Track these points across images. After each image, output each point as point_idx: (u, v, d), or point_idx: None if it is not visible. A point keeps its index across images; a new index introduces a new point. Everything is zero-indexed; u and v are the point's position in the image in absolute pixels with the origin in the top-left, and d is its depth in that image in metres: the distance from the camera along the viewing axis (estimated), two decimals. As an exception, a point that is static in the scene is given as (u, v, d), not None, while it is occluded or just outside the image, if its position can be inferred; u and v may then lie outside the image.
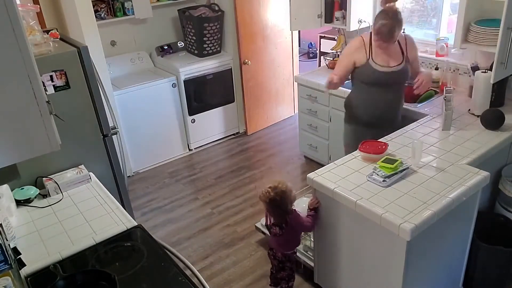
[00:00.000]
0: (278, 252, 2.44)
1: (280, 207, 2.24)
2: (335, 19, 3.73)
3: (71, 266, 1.71)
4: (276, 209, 2.27)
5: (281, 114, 5.13)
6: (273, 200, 2.22)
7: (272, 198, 2.21)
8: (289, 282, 2.52)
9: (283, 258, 2.45)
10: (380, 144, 2.40)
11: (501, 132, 2.54)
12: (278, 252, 2.44)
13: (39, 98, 1.26)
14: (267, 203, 2.25)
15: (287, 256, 2.45)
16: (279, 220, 2.31)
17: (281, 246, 2.42)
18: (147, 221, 3.46)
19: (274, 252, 2.46)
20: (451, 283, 2.49)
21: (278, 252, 2.44)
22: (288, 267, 2.48)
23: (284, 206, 2.25)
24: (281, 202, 2.22)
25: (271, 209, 2.28)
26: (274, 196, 2.21)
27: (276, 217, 2.31)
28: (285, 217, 2.29)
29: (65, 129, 1.71)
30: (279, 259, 2.45)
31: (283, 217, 2.29)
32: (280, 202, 2.22)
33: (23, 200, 2.10)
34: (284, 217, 2.29)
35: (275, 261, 2.48)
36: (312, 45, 7.01)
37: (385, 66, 2.65)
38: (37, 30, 2.14)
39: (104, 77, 3.37)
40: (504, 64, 2.46)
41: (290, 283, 2.53)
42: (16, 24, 1.17)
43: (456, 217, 2.13)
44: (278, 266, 2.48)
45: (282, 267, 2.48)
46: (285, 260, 2.45)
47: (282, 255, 2.44)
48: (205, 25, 4.23)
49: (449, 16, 3.44)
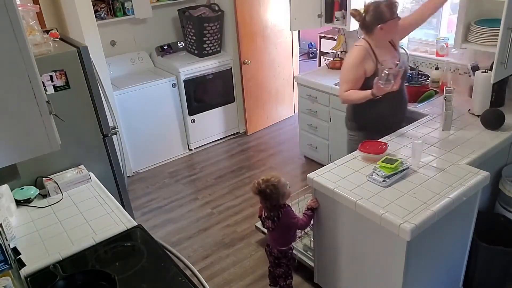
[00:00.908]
0: (274, 248, 2.46)
1: (269, 200, 2.26)
2: (335, 19, 3.73)
3: (71, 266, 1.71)
4: (266, 202, 2.29)
5: (281, 114, 5.13)
6: (262, 192, 2.24)
7: (262, 190, 2.24)
8: (287, 279, 2.53)
9: (279, 254, 2.47)
10: (380, 144, 2.40)
11: (501, 132, 2.54)
12: (274, 248, 2.46)
13: (39, 98, 1.26)
14: (256, 194, 2.28)
15: (282, 252, 2.46)
16: (269, 213, 2.34)
17: (276, 241, 2.44)
18: (147, 221, 3.46)
19: (270, 248, 2.49)
20: (451, 283, 2.49)
21: (274, 248, 2.46)
22: (284, 264, 2.50)
23: (274, 200, 2.26)
24: (270, 196, 2.24)
25: (262, 200, 2.31)
26: (265, 188, 2.23)
27: (266, 209, 2.35)
28: (277, 211, 2.31)
29: (65, 129, 1.71)
30: (274, 255, 2.48)
31: (274, 210, 2.31)
32: (270, 195, 2.23)
33: (23, 200, 2.10)
34: (275, 210, 2.31)
35: (271, 257, 2.51)
36: (312, 45, 7.01)
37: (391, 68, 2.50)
38: (37, 30, 2.14)
39: (104, 77, 3.37)
40: (504, 64, 2.46)
41: (288, 280, 2.54)
42: (16, 24, 1.17)
43: (456, 217, 2.13)
44: (274, 262, 2.52)
45: (278, 263, 2.50)
46: (281, 256, 2.48)
47: (278, 251, 2.45)
48: (205, 25, 4.23)
49: (449, 16, 3.44)
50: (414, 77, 3.31)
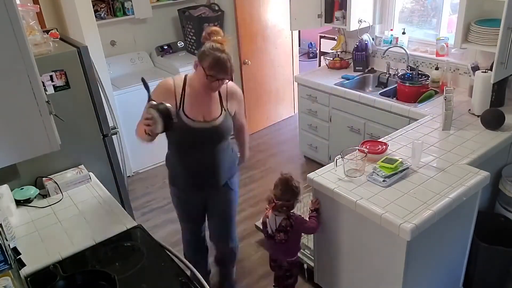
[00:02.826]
0: (283, 261, 2.39)
1: (287, 195, 2.18)
2: (335, 19, 3.74)
3: (71, 266, 1.71)
4: (287, 192, 2.18)
5: (281, 114, 5.13)
6: (287, 181, 2.20)
7: (288, 176, 2.21)
8: (294, 284, 2.50)
9: (290, 266, 2.41)
10: (380, 144, 2.40)
11: (501, 132, 2.54)
12: (284, 261, 2.39)
13: (39, 98, 1.26)
14: (281, 180, 2.21)
15: (293, 263, 2.41)
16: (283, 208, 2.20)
17: (285, 253, 2.38)
18: (147, 221, 3.45)
19: (279, 262, 2.42)
20: (451, 283, 2.49)
21: (283, 261, 2.39)
22: (295, 274, 2.45)
23: (292, 197, 2.19)
24: (293, 190, 2.19)
25: (283, 188, 2.19)
26: (291, 180, 2.20)
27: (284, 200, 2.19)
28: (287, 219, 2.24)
29: (65, 129, 1.70)
30: (286, 267, 2.41)
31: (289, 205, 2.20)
32: (293, 189, 2.19)
33: (23, 200, 2.10)
34: (290, 204, 2.21)
35: (281, 271, 2.43)
36: (312, 45, 7.01)
37: (199, 121, 2.07)
38: (37, 30, 2.14)
39: (104, 77, 3.37)
40: (504, 64, 2.46)
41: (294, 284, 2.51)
42: (16, 24, 1.17)
43: (456, 217, 2.13)
44: (285, 275, 2.44)
45: (289, 275, 2.44)
46: (293, 267, 2.43)
47: (288, 263, 2.40)
48: (205, 25, 4.22)
49: (449, 16, 3.44)
50: (414, 77, 3.31)
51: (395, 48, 3.51)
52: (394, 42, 3.59)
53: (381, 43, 3.74)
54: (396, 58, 3.62)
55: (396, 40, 3.58)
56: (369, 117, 3.30)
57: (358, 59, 3.77)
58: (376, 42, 3.81)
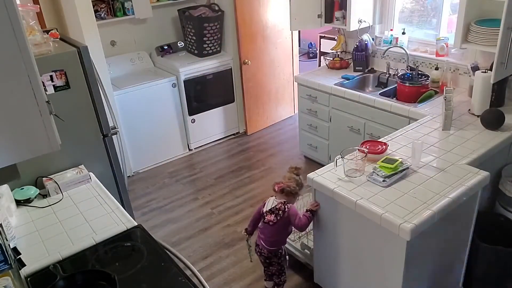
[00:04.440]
0: (263, 249, 2.47)
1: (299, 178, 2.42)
2: (335, 19, 3.74)
3: (71, 266, 1.71)
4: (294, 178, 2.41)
5: (281, 114, 5.13)
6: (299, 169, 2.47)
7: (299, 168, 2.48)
8: (281, 276, 2.56)
9: (269, 254, 2.48)
10: (380, 144, 2.40)
11: (501, 132, 2.54)
12: (264, 249, 2.46)
13: (39, 98, 1.26)
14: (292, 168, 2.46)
15: (272, 252, 2.47)
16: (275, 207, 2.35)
17: (267, 241, 2.44)
18: (147, 221, 3.46)
19: (260, 248, 2.49)
20: (451, 283, 2.49)
21: (263, 248, 2.47)
22: (275, 262, 2.51)
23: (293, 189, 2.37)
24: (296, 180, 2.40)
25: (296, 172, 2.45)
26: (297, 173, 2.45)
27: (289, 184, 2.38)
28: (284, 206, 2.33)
29: (65, 129, 1.71)
30: (265, 255, 2.49)
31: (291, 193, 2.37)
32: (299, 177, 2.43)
33: (23, 200, 2.10)
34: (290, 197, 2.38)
35: (262, 257, 2.52)
36: (312, 45, 7.01)
37: None
38: (37, 30, 2.14)
39: (104, 77, 3.37)
40: (504, 64, 2.46)
41: (282, 277, 2.56)
42: (16, 24, 1.17)
43: (456, 217, 2.13)
44: (265, 262, 2.53)
45: (269, 263, 2.52)
46: (272, 256, 2.49)
47: (268, 251, 2.46)
48: (205, 25, 4.23)
49: (449, 16, 3.44)
50: (414, 77, 3.31)
51: (395, 48, 3.52)
52: (394, 42, 3.59)
53: (381, 43, 3.74)
54: (396, 58, 3.62)
55: (396, 40, 3.58)
56: (369, 117, 3.30)
57: (358, 59, 3.77)
58: (376, 42, 3.81)
